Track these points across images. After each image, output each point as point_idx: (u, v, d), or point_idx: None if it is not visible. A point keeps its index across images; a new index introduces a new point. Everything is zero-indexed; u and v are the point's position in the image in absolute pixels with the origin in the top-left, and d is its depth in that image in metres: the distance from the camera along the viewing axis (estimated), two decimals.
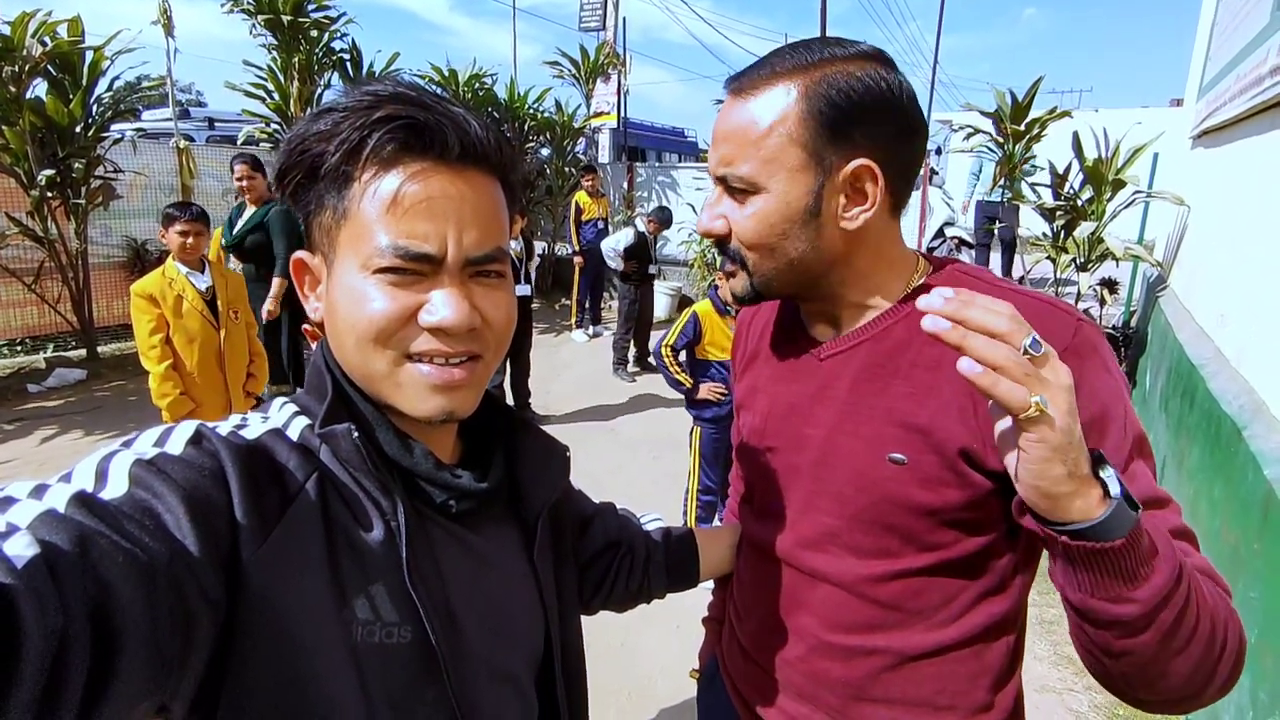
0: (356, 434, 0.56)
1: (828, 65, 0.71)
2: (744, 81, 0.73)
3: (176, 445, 0.51)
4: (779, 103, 0.71)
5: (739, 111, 0.73)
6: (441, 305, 0.56)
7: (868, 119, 0.71)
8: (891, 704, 0.81)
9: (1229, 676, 0.63)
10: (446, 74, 8.98)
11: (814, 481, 0.83)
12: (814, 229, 0.74)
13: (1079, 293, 4.99)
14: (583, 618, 0.94)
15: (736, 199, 0.75)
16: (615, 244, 6.37)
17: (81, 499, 0.43)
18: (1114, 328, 5.49)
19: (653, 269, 6.58)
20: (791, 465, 0.86)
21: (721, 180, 0.76)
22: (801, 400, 0.85)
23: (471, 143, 0.57)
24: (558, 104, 9.93)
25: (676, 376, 3.11)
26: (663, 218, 6.56)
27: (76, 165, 5.77)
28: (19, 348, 6.48)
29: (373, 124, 0.54)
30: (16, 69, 5.28)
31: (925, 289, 0.78)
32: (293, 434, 0.58)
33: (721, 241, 0.79)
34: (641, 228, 6.43)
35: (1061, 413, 0.53)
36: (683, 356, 3.18)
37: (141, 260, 6.85)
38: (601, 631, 2.68)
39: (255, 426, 0.57)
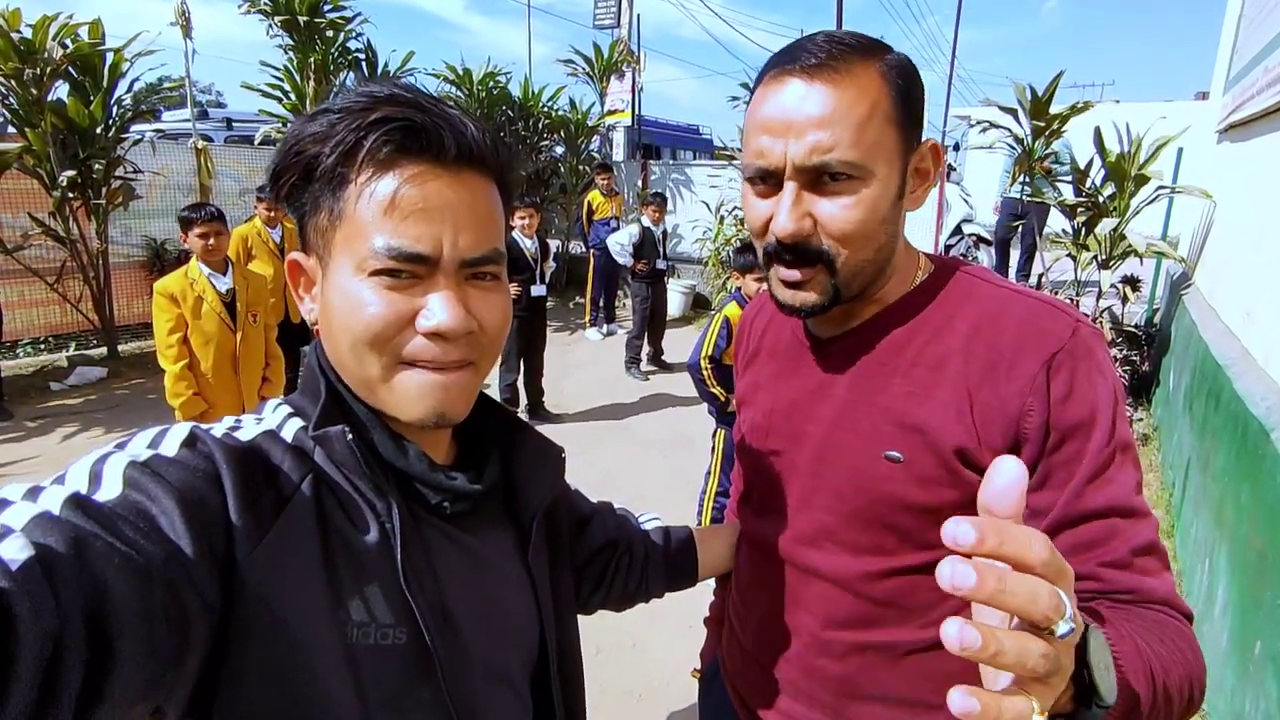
0: (350, 436, 0.56)
1: (881, 50, 0.71)
2: (812, 63, 0.68)
3: (171, 447, 0.51)
4: (871, 83, 0.68)
5: (826, 94, 0.67)
6: (439, 309, 0.56)
7: (921, 100, 0.73)
8: (886, 702, 0.80)
9: (1191, 713, 0.63)
10: (461, 73, 9.02)
11: (812, 478, 0.82)
12: (898, 213, 0.73)
13: (1100, 290, 4.90)
14: (594, 618, 0.94)
15: (827, 191, 0.69)
16: (622, 240, 6.36)
17: (76, 501, 0.43)
18: (1136, 326, 5.39)
19: (662, 264, 6.54)
20: (790, 462, 0.85)
21: (809, 171, 0.68)
22: (802, 397, 0.84)
23: (467, 144, 0.56)
24: (572, 102, 9.96)
25: (713, 391, 3.06)
26: (658, 200, 6.54)
27: (97, 166, 5.87)
28: (41, 346, 6.60)
29: (368, 126, 0.53)
30: (38, 71, 5.37)
31: (928, 288, 0.79)
32: (287, 435, 0.58)
33: (801, 244, 0.71)
34: (646, 222, 6.40)
35: (1052, 698, 0.43)
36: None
37: (161, 260, 6.94)
38: (613, 631, 2.68)
39: (249, 428, 0.58)
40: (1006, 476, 0.40)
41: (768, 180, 0.73)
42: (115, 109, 6.03)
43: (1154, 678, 0.57)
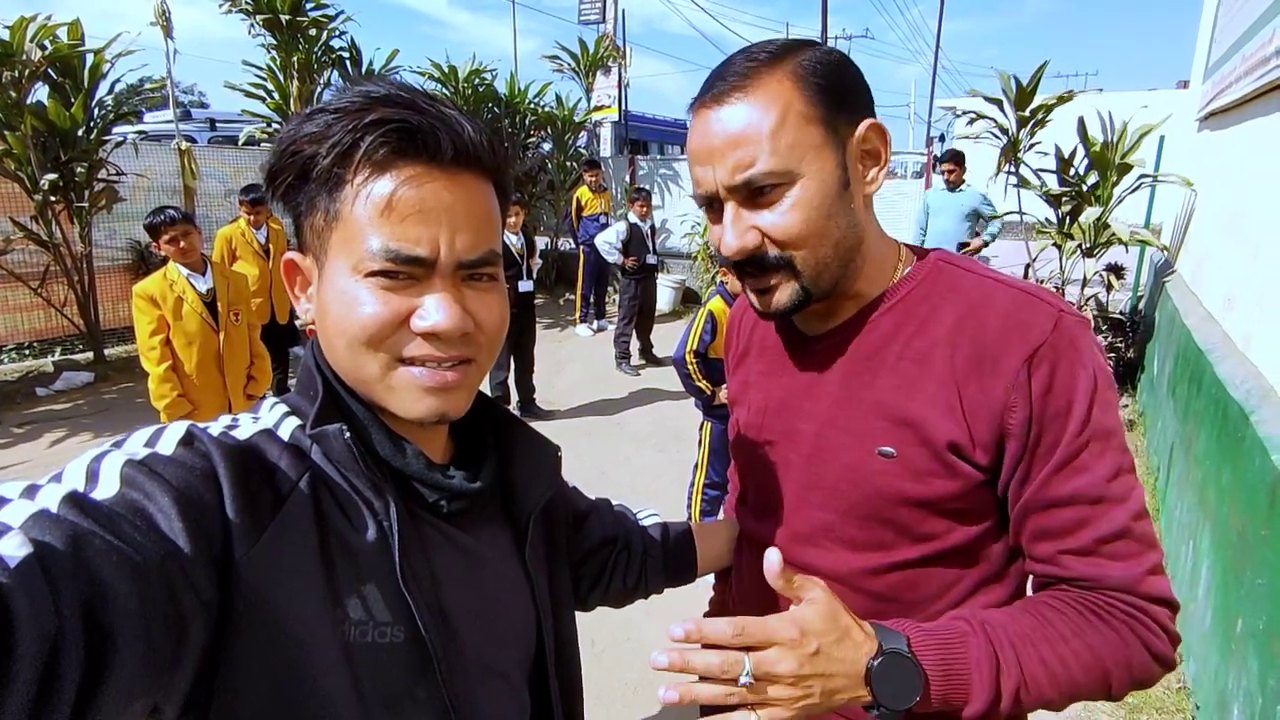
0: (348, 434, 0.56)
1: (794, 53, 0.72)
2: (722, 89, 0.71)
3: (168, 446, 0.51)
4: (776, 90, 0.70)
5: (733, 115, 0.70)
6: (434, 310, 0.56)
7: (852, 86, 0.74)
8: None
9: (1135, 689, 0.72)
10: (446, 70, 8.96)
11: (807, 476, 0.83)
12: (847, 203, 0.74)
13: (1085, 278, 4.95)
14: (592, 612, 0.94)
15: (763, 203, 0.72)
16: (609, 238, 6.35)
17: (74, 499, 0.43)
18: (1121, 313, 5.44)
19: (651, 259, 6.53)
20: (785, 460, 0.86)
21: (739, 190, 0.71)
22: (793, 395, 0.85)
23: (464, 145, 0.56)
24: (558, 98, 9.91)
25: (699, 384, 3.07)
26: (643, 195, 6.52)
27: (79, 169, 5.79)
28: (27, 351, 6.52)
29: (365, 127, 0.53)
30: (17, 74, 5.29)
31: (911, 280, 0.79)
32: (283, 434, 0.58)
33: (755, 256, 0.74)
34: (633, 218, 6.39)
35: (794, 711, 0.63)
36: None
37: (146, 262, 6.87)
38: (610, 626, 2.69)
39: (246, 427, 0.58)
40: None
41: (712, 206, 0.76)
42: (96, 111, 5.95)
43: (1000, 675, 0.67)
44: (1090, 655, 0.68)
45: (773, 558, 0.65)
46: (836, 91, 0.72)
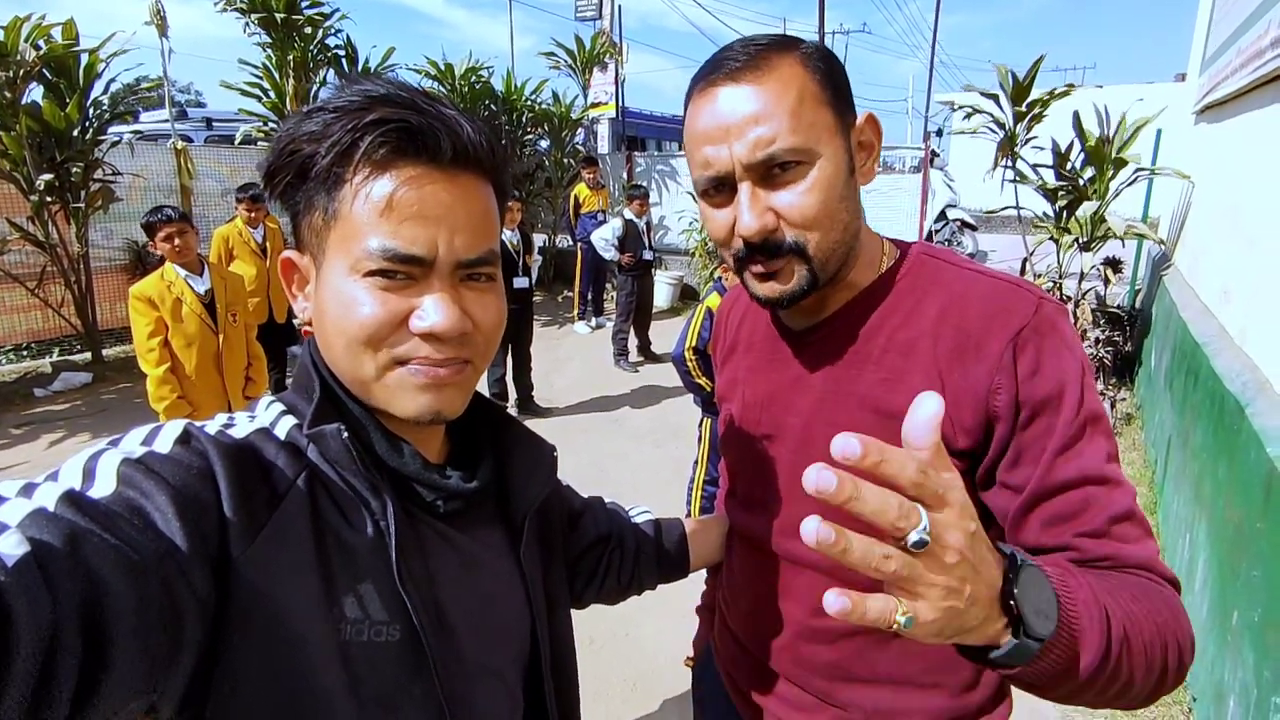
0: (345, 434, 0.56)
1: (793, 44, 0.74)
2: (734, 67, 0.71)
3: (164, 444, 0.51)
4: (793, 72, 0.70)
5: (754, 91, 0.69)
6: (433, 310, 0.56)
7: (845, 80, 0.75)
8: (878, 684, 0.81)
9: (1174, 683, 0.62)
10: (442, 68, 8.94)
11: (794, 470, 0.83)
12: (853, 189, 0.75)
13: (1082, 273, 4.95)
14: (587, 609, 0.95)
15: (779, 183, 0.71)
16: (606, 235, 6.35)
17: (71, 497, 0.43)
18: (1119, 307, 5.45)
19: (648, 255, 6.53)
20: (773, 455, 0.86)
21: (757, 168, 0.70)
22: (780, 389, 0.86)
23: (464, 145, 0.56)
24: (555, 95, 9.89)
25: (698, 381, 3.06)
26: (640, 193, 6.50)
27: (75, 169, 5.77)
28: (24, 352, 6.51)
29: (364, 126, 0.53)
30: (11, 74, 5.28)
31: (895, 273, 0.80)
32: (280, 433, 0.58)
33: (769, 240, 0.72)
34: (629, 215, 6.38)
35: (939, 614, 0.47)
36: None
37: (143, 262, 6.86)
38: (606, 622, 2.70)
39: (243, 425, 0.58)
40: (926, 411, 0.45)
41: (721, 189, 0.73)
42: (92, 111, 5.93)
43: (1109, 621, 0.55)
44: (1158, 619, 0.60)
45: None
46: (837, 82, 0.74)
